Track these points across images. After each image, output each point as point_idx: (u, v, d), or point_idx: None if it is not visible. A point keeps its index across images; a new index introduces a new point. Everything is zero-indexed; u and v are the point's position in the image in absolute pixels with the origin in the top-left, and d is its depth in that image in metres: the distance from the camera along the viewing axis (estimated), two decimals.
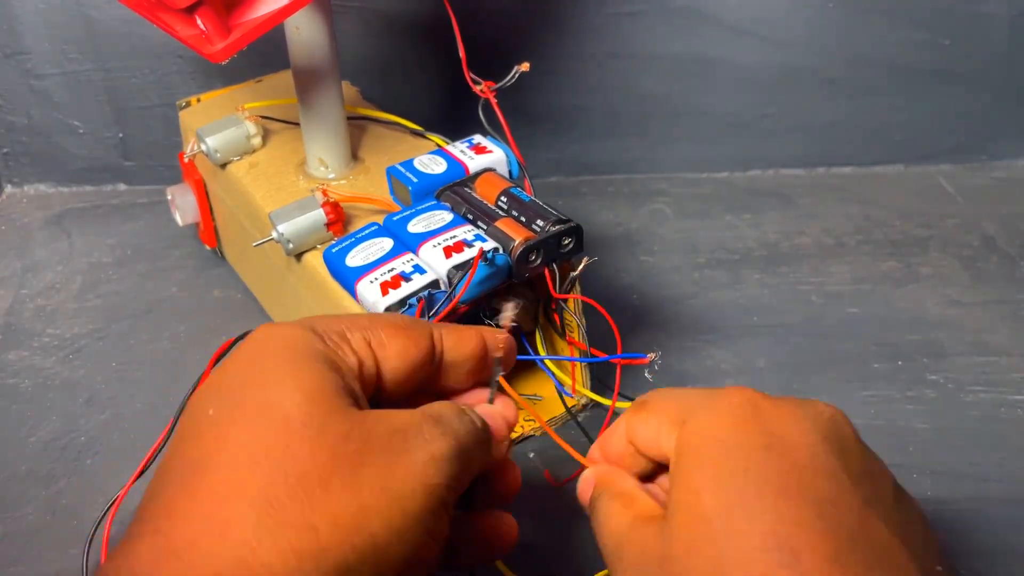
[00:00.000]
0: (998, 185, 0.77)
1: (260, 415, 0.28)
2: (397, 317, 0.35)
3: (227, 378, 0.31)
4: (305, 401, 0.29)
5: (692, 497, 0.29)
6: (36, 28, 0.70)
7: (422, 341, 0.34)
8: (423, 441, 0.30)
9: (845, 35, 0.74)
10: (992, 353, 0.58)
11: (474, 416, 0.34)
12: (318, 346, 0.31)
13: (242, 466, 0.27)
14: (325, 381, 0.30)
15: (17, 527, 0.47)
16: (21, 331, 0.61)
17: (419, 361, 0.34)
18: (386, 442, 0.29)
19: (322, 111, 0.53)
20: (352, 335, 0.33)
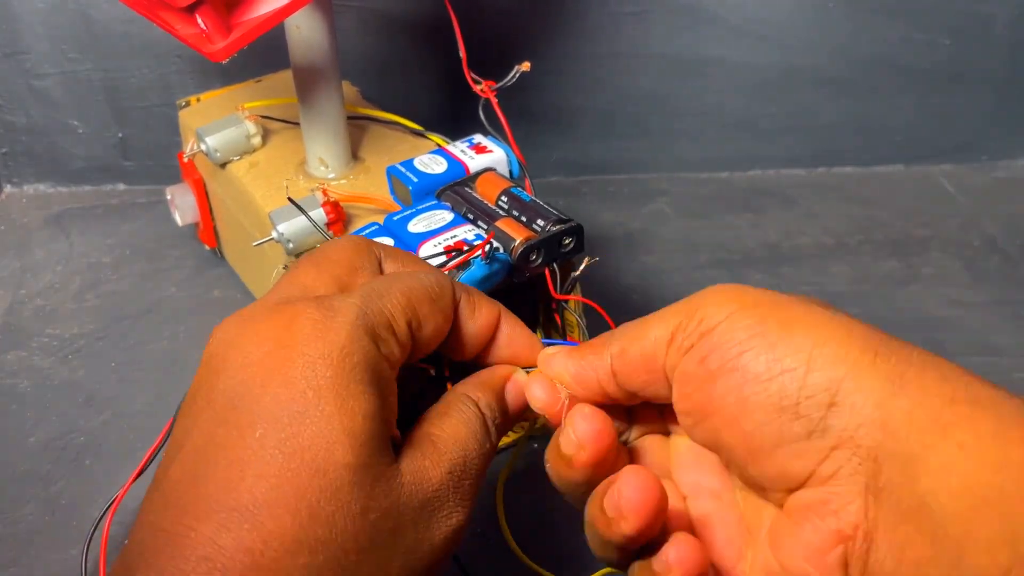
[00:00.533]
0: (998, 185, 0.77)
1: (308, 460, 0.26)
2: (431, 284, 0.32)
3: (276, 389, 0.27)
4: (354, 459, 0.27)
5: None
6: (36, 28, 0.70)
7: (449, 311, 0.33)
8: (446, 514, 0.30)
9: (845, 35, 0.73)
10: (993, 353, 0.58)
11: (493, 428, 0.33)
12: (372, 361, 0.29)
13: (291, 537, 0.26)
14: (375, 424, 0.28)
15: (17, 527, 0.47)
16: (20, 331, 0.61)
17: (444, 336, 0.33)
18: (417, 518, 0.29)
19: (322, 111, 0.53)
20: (398, 324, 0.30)
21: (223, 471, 0.26)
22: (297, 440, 0.26)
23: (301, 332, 0.28)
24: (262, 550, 0.25)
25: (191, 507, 0.26)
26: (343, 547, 0.26)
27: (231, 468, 0.26)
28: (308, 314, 0.29)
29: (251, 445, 0.27)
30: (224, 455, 0.27)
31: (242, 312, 0.31)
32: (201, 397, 0.29)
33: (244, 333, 0.30)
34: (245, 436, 0.27)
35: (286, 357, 0.28)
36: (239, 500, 0.26)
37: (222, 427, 0.27)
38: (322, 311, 0.29)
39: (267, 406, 0.27)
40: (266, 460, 0.26)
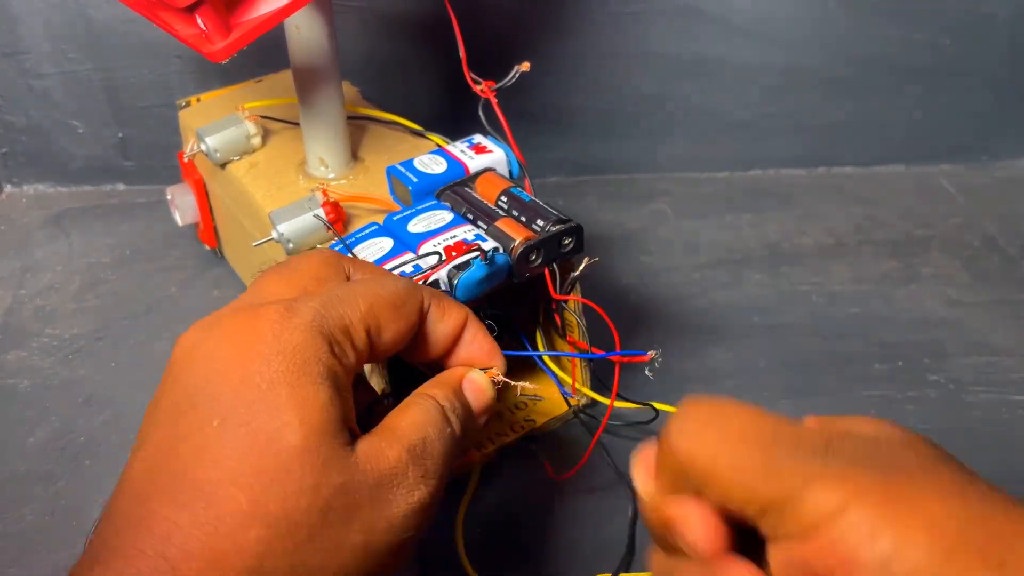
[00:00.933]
0: (998, 185, 0.77)
1: (263, 447, 0.28)
2: (395, 292, 0.34)
3: (231, 387, 0.29)
4: (307, 441, 0.28)
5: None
6: (36, 28, 0.70)
7: (413, 317, 0.34)
8: (406, 489, 0.30)
9: (846, 35, 0.73)
10: (993, 353, 0.58)
11: (456, 423, 0.34)
12: (325, 361, 0.30)
13: (243, 514, 0.27)
14: (328, 414, 0.29)
15: (17, 527, 0.47)
16: (20, 331, 0.61)
17: (407, 341, 0.35)
18: (373, 493, 0.30)
19: (322, 111, 0.53)
20: (355, 329, 0.32)
21: (182, 460, 0.28)
22: (250, 426, 0.28)
23: (260, 331, 0.30)
24: (216, 526, 0.27)
25: (152, 493, 0.28)
26: (296, 521, 0.28)
27: (190, 456, 0.28)
28: (268, 315, 0.31)
29: (209, 434, 0.28)
30: (183, 445, 0.29)
31: (205, 318, 0.32)
32: (164, 398, 0.30)
33: (207, 336, 0.31)
34: (204, 427, 0.29)
35: (244, 354, 0.30)
36: (195, 482, 0.28)
37: (183, 420, 0.29)
38: (281, 312, 0.31)
39: (225, 399, 0.29)
40: (222, 446, 0.28)
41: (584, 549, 0.46)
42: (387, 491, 0.30)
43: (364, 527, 0.29)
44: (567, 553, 0.45)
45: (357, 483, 0.29)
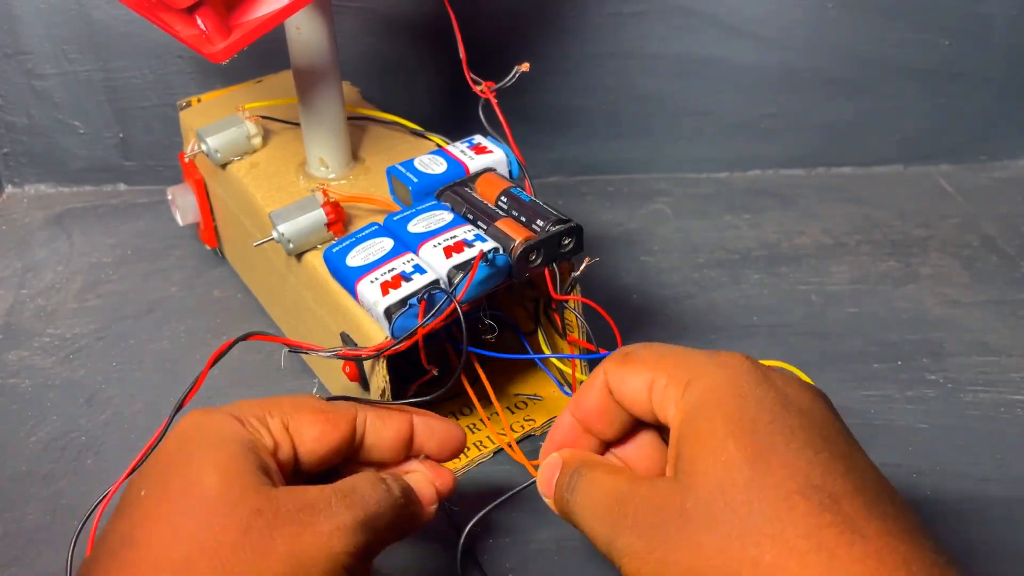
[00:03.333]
0: (998, 185, 0.77)
1: (182, 494, 0.32)
2: (321, 403, 0.38)
3: (157, 463, 0.34)
4: (222, 480, 0.32)
5: (715, 447, 0.29)
6: (36, 28, 0.70)
7: (342, 425, 0.37)
8: (330, 514, 0.33)
9: (845, 35, 0.74)
10: (992, 353, 0.58)
11: (393, 485, 0.36)
12: (238, 430, 0.34)
13: (165, 539, 0.31)
14: (241, 461, 0.33)
15: (17, 527, 0.47)
16: (21, 331, 0.61)
17: (337, 444, 0.37)
18: (295, 515, 0.32)
19: (322, 111, 0.53)
20: (271, 420, 0.36)
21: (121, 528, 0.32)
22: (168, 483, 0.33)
23: (187, 424, 0.35)
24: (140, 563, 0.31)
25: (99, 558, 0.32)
26: (216, 538, 0.31)
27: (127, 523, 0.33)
28: (191, 416, 0.36)
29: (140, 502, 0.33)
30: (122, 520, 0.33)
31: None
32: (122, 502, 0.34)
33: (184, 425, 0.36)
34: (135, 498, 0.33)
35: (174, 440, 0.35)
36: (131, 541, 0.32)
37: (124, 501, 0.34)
38: (203, 410, 0.36)
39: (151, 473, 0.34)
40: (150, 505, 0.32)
41: (589, 547, 0.46)
42: (310, 513, 0.33)
43: (287, 539, 0.31)
44: (569, 552, 0.46)
45: (276, 506, 0.32)
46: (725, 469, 0.29)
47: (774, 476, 0.28)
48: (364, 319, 0.45)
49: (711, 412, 0.30)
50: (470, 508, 0.46)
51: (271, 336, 0.46)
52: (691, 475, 0.30)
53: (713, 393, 0.31)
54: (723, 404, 0.30)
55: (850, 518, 0.27)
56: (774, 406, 0.30)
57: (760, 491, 0.28)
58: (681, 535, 0.29)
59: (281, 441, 0.36)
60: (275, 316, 0.60)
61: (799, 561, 0.27)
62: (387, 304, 0.43)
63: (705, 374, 0.32)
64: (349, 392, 0.50)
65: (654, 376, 0.33)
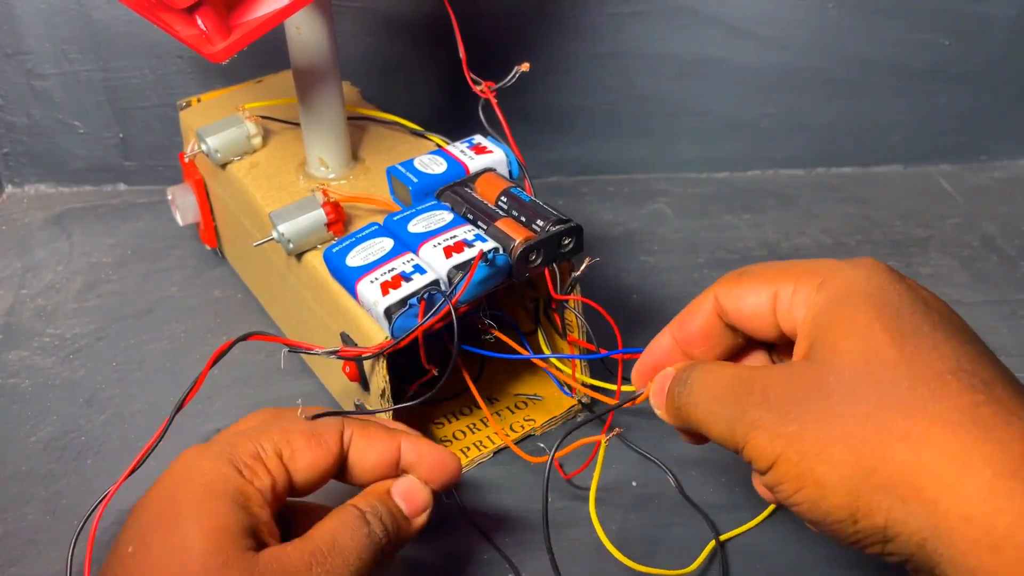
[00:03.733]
0: (998, 185, 0.77)
1: (168, 557, 0.32)
2: (312, 426, 0.38)
3: (147, 511, 0.34)
4: (206, 545, 0.32)
5: (860, 329, 0.28)
6: (36, 28, 0.70)
7: (333, 447, 0.37)
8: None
9: (845, 35, 0.74)
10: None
11: (376, 525, 0.36)
12: (231, 481, 0.34)
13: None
14: (229, 522, 0.33)
15: (17, 527, 0.47)
16: (21, 331, 0.61)
17: (328, 467, 0.37)
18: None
19: (322, 111, 0.53)
20: (267, 454, 0.36)
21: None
22: (155, 543, 0.33)
23: (179, 467, 0.35)
24: None
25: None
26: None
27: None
28: (188, 453, 0.36)
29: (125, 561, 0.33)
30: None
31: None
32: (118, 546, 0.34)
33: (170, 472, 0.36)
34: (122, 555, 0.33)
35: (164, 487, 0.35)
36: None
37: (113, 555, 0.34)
38: (198, 448, 0.36)
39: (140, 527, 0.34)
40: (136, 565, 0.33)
41: (593, 542, 0.46)
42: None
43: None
44: (574, 547, 0.46)
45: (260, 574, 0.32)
46: (872, 348, 0.28)
47: (924, 357, 0.28)
48: (364, 319, 0.45)
49: (854, 300, 0.30)
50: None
51: (271, 336, 0.46)
52: (833, 354, 0.29)
53: (853, 286, 0.30)
54: (865, 294, 0.30)
55: (1004, 400, 0.27)
56: (915, 301, 0.29)
57: (909, 368, 0.28)
58: (820, 407, 0.28)
59: (277, 475, 0.36)
60: (275, 316, 0.60)
61: (954, 434, 0.27)
62: (387, 304, 0.43)
63: (840, 273, 0.31)
64: (349, 392, 0.50)
65: (778, 287, 0.32)
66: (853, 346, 0.29)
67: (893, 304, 0.29)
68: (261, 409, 0.41)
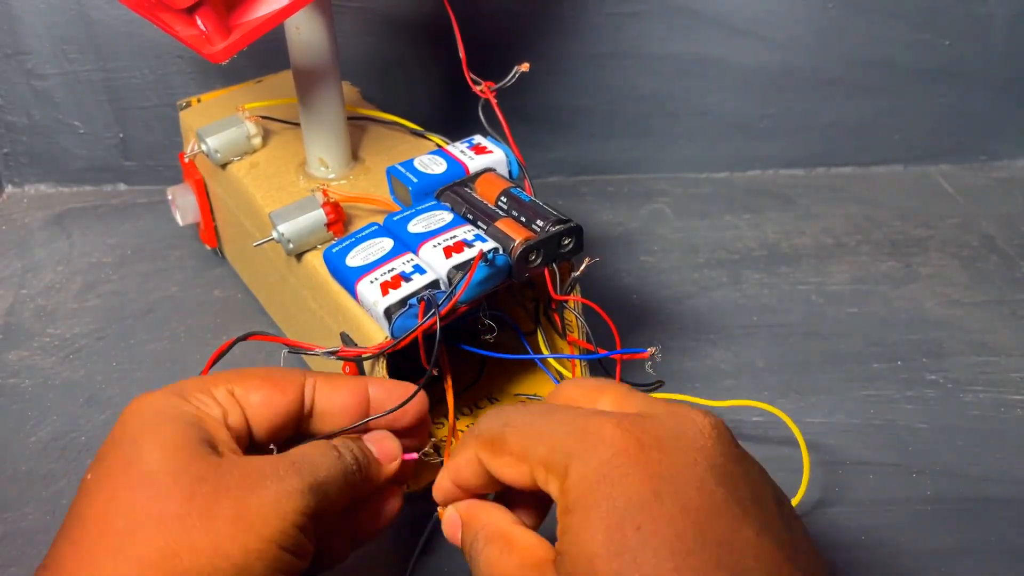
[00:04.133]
0: (998, 185, 0.77)
1: (125, 472, 0.33)
2: (267, 370, 0.38)
3: (104, 448, 0.35)
4: (162, 454, 0.33)
5: (585, 559, 0.29)
6: (36, 28, 0.70)
7: (289, 390, 0.38)
8: (276, 479, 0.34)
9: (845, 35, 0.74)
10: (991, 353, 0.58)
11: (345, 452, 0.37)
12: (181, 406, 0.35)
13: (112, 514, 0.32)
14: (182, 435, 0.34)
15: (17, 527, 0.47)
16: (21, 331, 0.61)
17: (285, 409, 0.38)
18: (240, 481, 0.33)
19: (322, 111, 0.53)
20: (216, 389, 0.37)
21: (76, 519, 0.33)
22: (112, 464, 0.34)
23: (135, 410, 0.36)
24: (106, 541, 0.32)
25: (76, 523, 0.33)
26: (160, 508, 0.32)
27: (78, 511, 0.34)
28: (140, 399, 0.36)
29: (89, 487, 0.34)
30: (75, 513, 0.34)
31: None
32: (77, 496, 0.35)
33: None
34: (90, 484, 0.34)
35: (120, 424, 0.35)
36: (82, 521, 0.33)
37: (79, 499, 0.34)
38: (151, 393, 0.36)
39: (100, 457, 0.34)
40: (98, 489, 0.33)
41: None
42: (257, 479, 0.33)
43: (234, 503, 0.32)
44: None
45: (220, 473, 0.33)
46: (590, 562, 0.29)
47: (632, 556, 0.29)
48: (364, 319, 0.45)
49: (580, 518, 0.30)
50: None
51: (271, 336, 0.46)
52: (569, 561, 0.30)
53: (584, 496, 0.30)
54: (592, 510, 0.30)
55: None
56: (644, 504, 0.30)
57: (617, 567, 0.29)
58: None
59: (229, 407, 0.36)
60: (275, 316, 0.60)
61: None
62: (387, 304, 0.43)
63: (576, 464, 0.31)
64: None
65: (532, 469, 0.33)
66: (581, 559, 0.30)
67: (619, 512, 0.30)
68: None
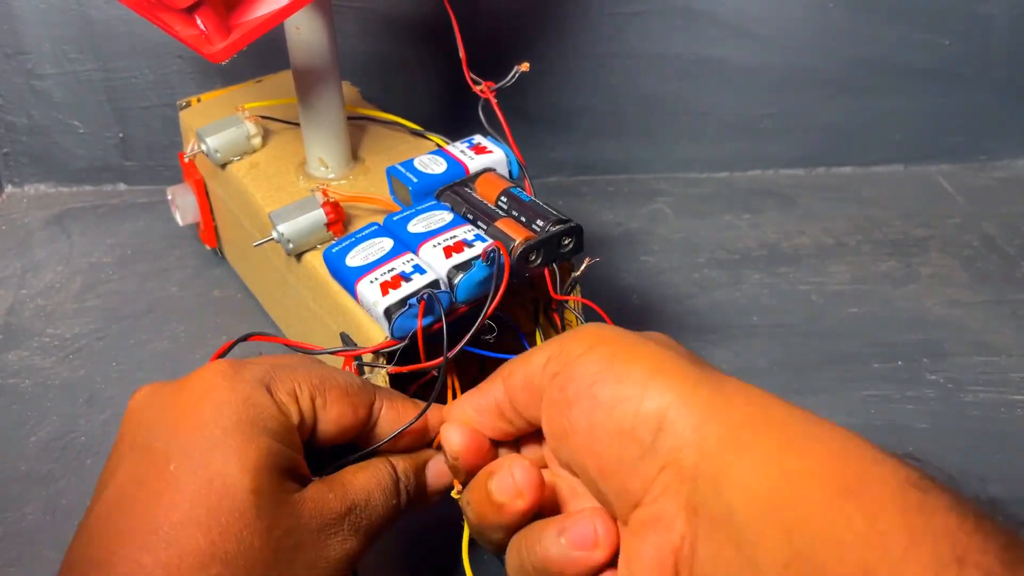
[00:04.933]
0: (998, 185, 0.77)
1: (207, 485, 0.30)
2: (349, 379, 0.37)
3: (168, 419, 0.32)
4: (252, 484, 0.31)
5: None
6: (36, 28, 0.70)
7: (361, 410, 0.37)
8: (340, 540, 0.33)
9: (845, 35, 0.74)
10: (992, 353, 0.58)
11: (403, 494, 0.37)
12: (267, 410, 0.33)
13: (188, 536, 0.29)
14: (273, 458, 0.32)
15: (17, 527, 0.47)
16: (21, 331, 0.61)
17: (353, 428, 0.37)
18: (315, 538, 0.32)
19: (322, 111, 0.53)
20: (302, 393, 0.35)
21: (142, 502, 0.30)
22: (207, 470, 0.30)
23: (212, 382, 0.33)
24: (178, 564, 0.28)
25: (114, 535, 0.29)
26: (251, 559, 0.30)
27: (149, 498, 0.30)
28: (220, 369, 0.33)
29: (166, 477, 0.30)
30: (143, 488, 0.30)
31: (159, 381, 0.35)
32: (122, 444, 0.32)
33: (161, 389, 0.34)
34: (161, 470, 0.30)
35: (197, 404, 0.32)
36: (157, 524, 0.29)
37: (141, 466, 0.31)
38: (233, 367, 0.34)
39: (180, 443, 0.31)
40: (179, 489, 0.30)
41: None
42: (326, 537, 0.33)
43: (307, 565, 0.32)
44: None
45: (303, 527, 0.32)
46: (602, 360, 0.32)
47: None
48: (364, 319, 0.45)
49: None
50: None
51: (271, 336, 0.46)
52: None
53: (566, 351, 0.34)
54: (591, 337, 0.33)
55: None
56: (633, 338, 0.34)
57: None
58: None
59: (307, 418, 0.35)
60: (275, 316, 0.60)
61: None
62: (387, 304, 0.43)
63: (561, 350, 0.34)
64: None
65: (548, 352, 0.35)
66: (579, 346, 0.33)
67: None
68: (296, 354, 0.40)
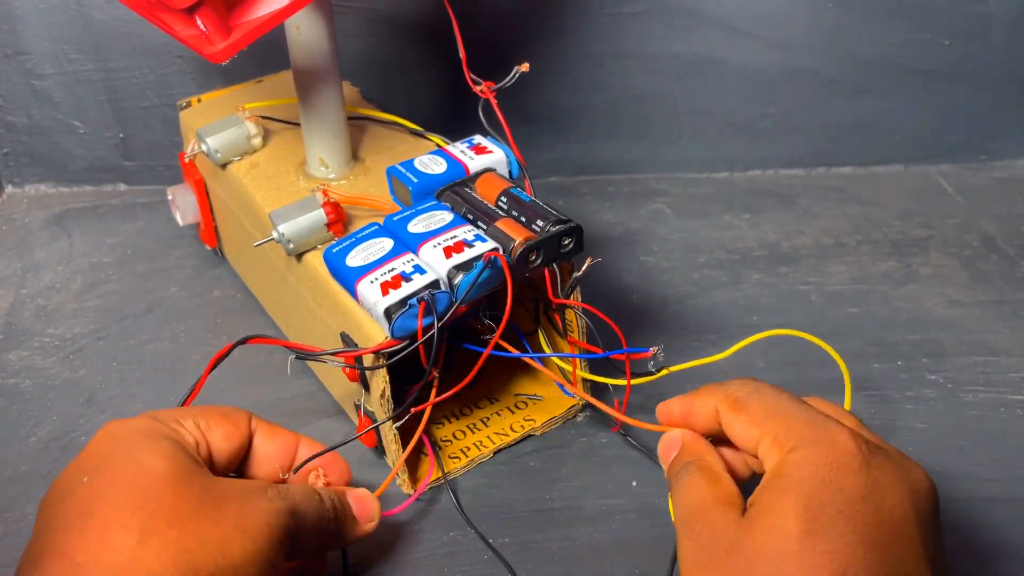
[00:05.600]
0: (998, 185, 0.77)
1: (135, 475, 0.35)
2: (222, 408, 0.42)
3: (92, 457, 0.37)
4: (168, 464, 0.36)
5: (781, 513, 0.33)
6: (36, 28, 0.70)
7: (242, 426, 0.42)
8: (267, 498, 0.38)
9: (845, 35, 0.74)
10: (991, 353, 0.58)
11: (326, 498, 0.41)
12: (163, 429, 0.38)
13: (125, 509, 0.34)
14: (178, 452, 0.37)
15: (17, 527, 0.47)
16: (21, 331, 0.61)
17: (240, 445, 0.41)
18: (239, 495, 0.37)
19: (322, 111, 0.53)
20: (185, 422, 0.40)
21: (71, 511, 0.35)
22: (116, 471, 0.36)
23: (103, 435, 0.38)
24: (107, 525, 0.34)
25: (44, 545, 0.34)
26: (173, 508, 0.35)
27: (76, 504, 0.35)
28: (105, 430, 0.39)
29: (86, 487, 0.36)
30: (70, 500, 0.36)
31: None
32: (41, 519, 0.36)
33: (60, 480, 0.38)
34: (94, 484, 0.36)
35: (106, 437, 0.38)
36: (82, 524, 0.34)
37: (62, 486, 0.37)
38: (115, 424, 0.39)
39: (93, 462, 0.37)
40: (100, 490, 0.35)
41: (579, 547, 0.46)
42: (250, 494, 0.37)
43: (234, 512, 0.36)
44: (564, 555, 0.46)
45: (221, 487, 0.37)
46: (780, 537, 0.33)
47: (812, 559, 0.32)
48: (364, 319, 0.45)
49: (791, 484, 0.34)
50: None
51: (271, 339, 0.46)
52: (752, 526, 0.34)
53: (802, 471, 0.34)
54: (805, 483, 0.33)
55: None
56: (852, 500, 0.33)
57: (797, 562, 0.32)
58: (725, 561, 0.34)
59: (199, 439, 0.39)
60: (275, 316, 0.60)
61: None
62: (387, 304, 0.43)
63: (805, 447, 0.35)
64: (349, 393, 0.50)
65: (761, 435, 0.37)
66: (768, 527, 0.33)
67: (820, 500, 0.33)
68: None
